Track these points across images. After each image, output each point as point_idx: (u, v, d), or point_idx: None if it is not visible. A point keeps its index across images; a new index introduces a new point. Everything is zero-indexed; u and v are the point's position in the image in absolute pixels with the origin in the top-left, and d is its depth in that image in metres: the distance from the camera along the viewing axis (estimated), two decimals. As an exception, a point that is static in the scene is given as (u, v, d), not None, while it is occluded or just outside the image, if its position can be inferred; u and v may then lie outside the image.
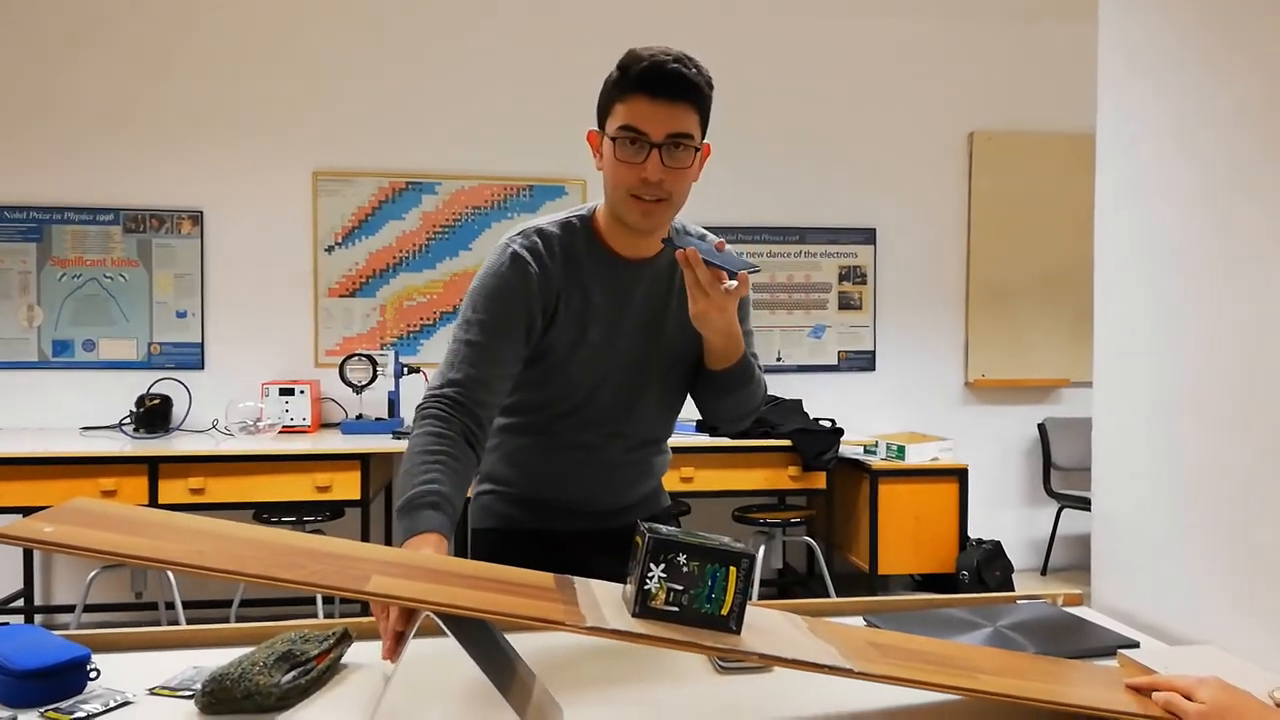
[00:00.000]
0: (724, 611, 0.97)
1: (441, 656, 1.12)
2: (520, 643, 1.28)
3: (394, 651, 0.99)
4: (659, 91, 1.29)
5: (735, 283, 1.27)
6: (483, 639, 1.00)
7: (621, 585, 1.04)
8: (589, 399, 1.47)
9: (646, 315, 1.47)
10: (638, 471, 1.58)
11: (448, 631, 0.91)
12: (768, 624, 1.05)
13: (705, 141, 1.36)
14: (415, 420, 1.34)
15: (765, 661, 0.95)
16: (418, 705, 1.07)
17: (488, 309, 1.38)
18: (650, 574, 0.94)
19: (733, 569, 0.97)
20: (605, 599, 0.99)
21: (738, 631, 0.97)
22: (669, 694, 1.12)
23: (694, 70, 1.31)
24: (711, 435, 3.98)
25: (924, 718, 1.06)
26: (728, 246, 1.36)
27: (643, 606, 0.94)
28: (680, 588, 0.95)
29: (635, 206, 1.34)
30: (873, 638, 1.14)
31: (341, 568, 0.81)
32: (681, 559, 0.95)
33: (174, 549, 0.71)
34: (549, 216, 1.47)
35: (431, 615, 0.92)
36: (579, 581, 1.06)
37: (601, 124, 1.38)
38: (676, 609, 0.95)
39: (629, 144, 1.30)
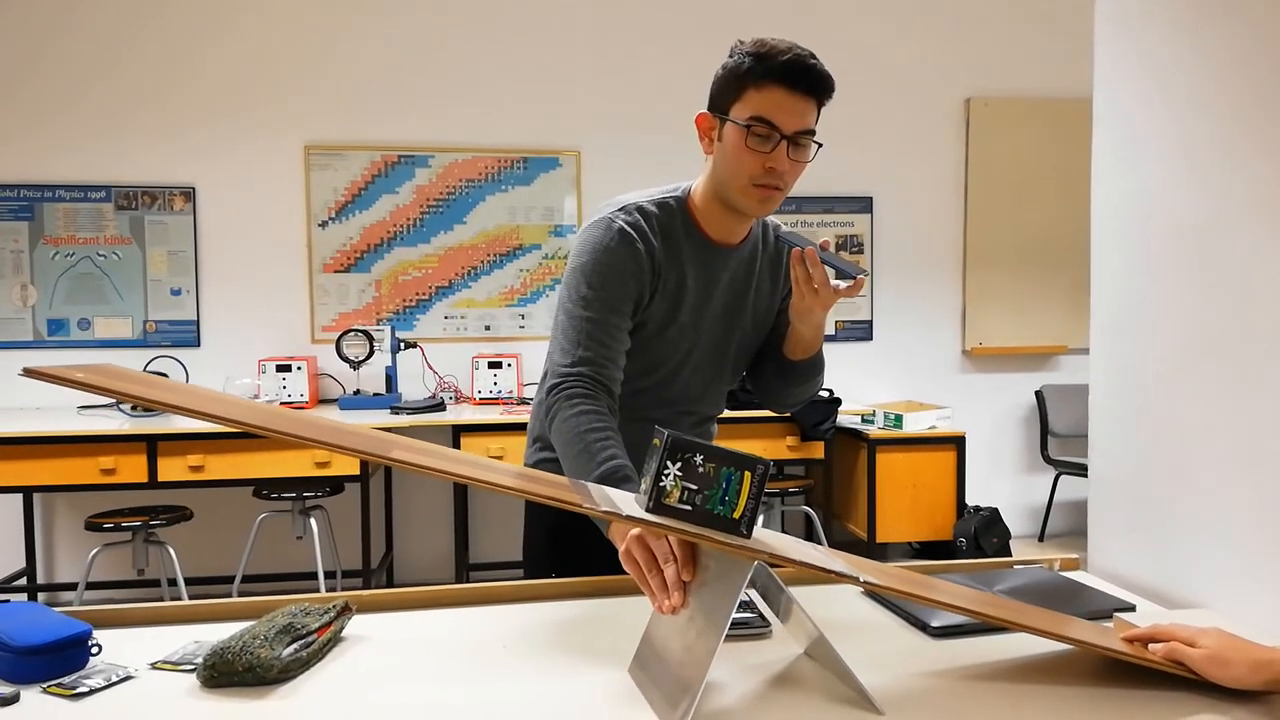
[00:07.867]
0: (736, 515, 0.97)
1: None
2: (506, 614, 1.28)
3: (686, 602, 0.99)
4: (797, 84, 1.31)
5: (846, 283, 1.31)
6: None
7: (634, 494, 1.04)
8: (671, 378, 1.51)
9: (730, 300, 1.51)
10: None
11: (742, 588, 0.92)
12: (777, 537, 1.06)
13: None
14: (557, 399, 1.34)
15: (774, 560, 0.95)
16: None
17: (603, 284, 1.39)
18: (666, 471, 0.94)
19: (747, 474, 0.97)
20: (620, 498, 1.00)
21: (748, 536, 0.97)
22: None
23: (825, 69, 1.33)
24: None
25: (918, 687, 1.05)
26: (831, 245, 1.37)
27: (656, 503, 0.94)
28: (694, 487, 0.95)
29: (754, 194, 1.37)
30: (882, 566, 1.14)
31: (367, 442, 0.82)
32: (698, 459, 0.95)
33: (204, 403, 0.71)
34: (643, 193, 1.48)
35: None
36: (593, 486, 1.08)
37: (722, 108, 1.36)
38: (689, 508, 0.95)
39: (760, 136, 1.32)
